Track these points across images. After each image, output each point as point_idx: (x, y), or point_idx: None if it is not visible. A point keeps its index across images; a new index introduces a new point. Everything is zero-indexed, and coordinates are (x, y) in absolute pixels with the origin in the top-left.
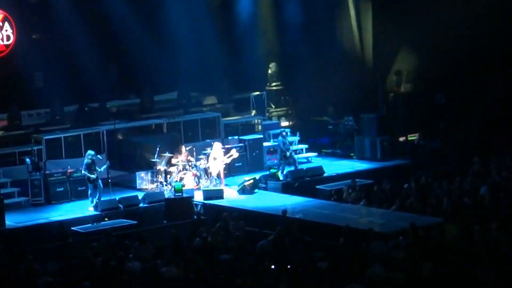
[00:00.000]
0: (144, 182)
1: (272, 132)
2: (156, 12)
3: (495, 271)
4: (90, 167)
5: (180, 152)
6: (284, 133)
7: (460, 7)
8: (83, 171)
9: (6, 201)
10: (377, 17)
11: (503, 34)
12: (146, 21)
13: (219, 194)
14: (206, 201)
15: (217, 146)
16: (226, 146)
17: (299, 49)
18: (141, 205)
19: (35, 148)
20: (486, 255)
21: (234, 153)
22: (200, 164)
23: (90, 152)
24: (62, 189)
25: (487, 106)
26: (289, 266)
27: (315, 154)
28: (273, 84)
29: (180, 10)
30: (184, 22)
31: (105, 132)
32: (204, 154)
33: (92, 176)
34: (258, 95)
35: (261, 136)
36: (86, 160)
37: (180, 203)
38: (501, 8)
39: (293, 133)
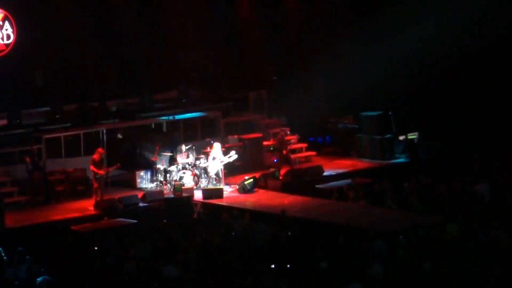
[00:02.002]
0: (144, 181)
1: (272, 131)
2: (156, 11)
3: (495, 270)
4: (100, 164)
5: (179, 152)
6: (283, 132)
7: None
8: (91, 167)
9: (6, 201)
10: None
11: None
12: (146, 20)
13: (218, 193)
14: (205, 200)
15: (217, 146)
16: (226, 145)
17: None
18: (140, 204)
19: (35, 147)
20: (486, 254)
21: (234, 155)
22: (200, 163)
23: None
24: (62, 188)
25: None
26: (289, 266)
27: (315, 153)
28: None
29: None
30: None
31: (104, 131)
32: (204, 153)
33: (99, 173)
34: (257, 94)
35: (261, 135)
36: (95, 156)
37: (180, 203)
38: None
39: (293, 132)
